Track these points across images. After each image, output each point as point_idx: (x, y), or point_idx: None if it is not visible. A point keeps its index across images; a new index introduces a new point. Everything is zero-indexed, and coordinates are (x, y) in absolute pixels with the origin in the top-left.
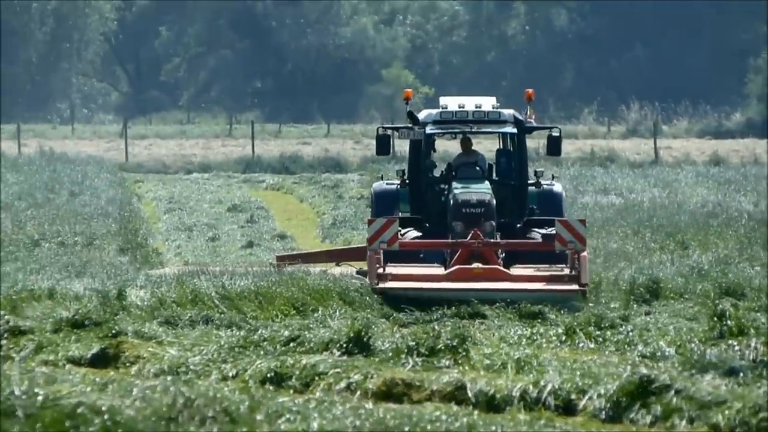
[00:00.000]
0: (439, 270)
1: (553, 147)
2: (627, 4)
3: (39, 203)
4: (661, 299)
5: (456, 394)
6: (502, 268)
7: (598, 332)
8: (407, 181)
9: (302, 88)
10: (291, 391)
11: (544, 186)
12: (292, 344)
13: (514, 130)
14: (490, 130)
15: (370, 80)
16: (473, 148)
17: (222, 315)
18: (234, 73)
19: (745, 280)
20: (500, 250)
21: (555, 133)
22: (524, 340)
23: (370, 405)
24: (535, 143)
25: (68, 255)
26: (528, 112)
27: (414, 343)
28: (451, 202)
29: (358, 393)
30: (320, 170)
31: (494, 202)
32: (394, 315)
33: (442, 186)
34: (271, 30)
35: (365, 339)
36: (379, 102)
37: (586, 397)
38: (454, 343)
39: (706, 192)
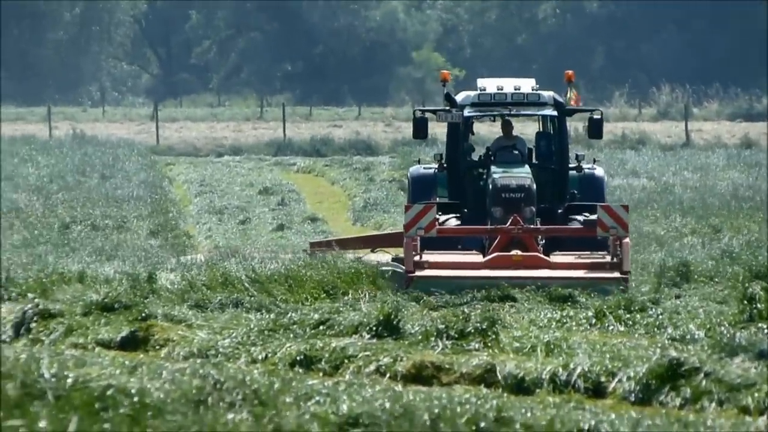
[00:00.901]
0: (477, 257)
1: (595, 130)
2: None
3: (70, 186)
4: (691, 282)
5: (485, 377)
6: (542, 255)
7: (627, 315)
8: (444, 166)
9: (332, 70)
10: (320, 374)
11: (586, 170)
12: (321, 327)
13: (554, 113)
14: (529, 112)
15: (400, 62)
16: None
17: (252, 298)
18: (264, 56)
19: None
20: (540, 237)
21: (596, 116)
22: (554, 323)
23: (399, 387)
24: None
25: (99, 238)
26: (569, 94)
27: (443, 326)
28: (490, 186)
29: (388, 376)
30: (351, 153)
31: (534, 186)
32: (425, 298)
33: (481, 170)
34: (300, 12)
35: (395, 322)
36: (410, 85)
37: (616, 379)
38: (484, 326)
39: (737, 175)
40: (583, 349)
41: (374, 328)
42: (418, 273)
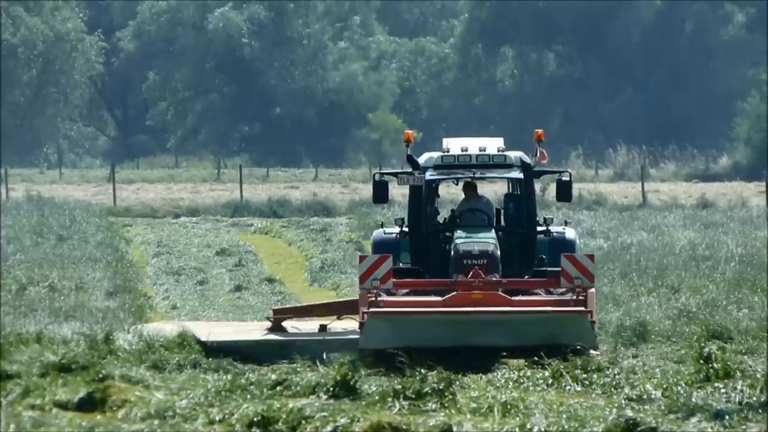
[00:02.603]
0: (435, 298)
1: (564, 192)
2: (614, 48)
3: (27, 248)
4: (648, 342)
5: None
6: (502, 294)
7: (584, 375)
8: (406, 231)
9: (290, 132)
10: None
11: (555, 234)
12: (278, 388)
13: (520, 175)
14: (493, 175)
15: (357, 124)
16: (479, 193)
17: (209, 359)
18: (221, 117)
19: (732, 323)
20: (501, 290)
21: (565, 178)
22: (511, 383)
23: None
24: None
25: (57, 299)
26: (538, 154)
27: (400, 387)
28: (452, 252)
29: None
30: (308, 214)
31: (498, 252)
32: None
33: (447, 235)
34: (258, 73)
35: (352, 382)
36: (366, 146)
37: None
38: (441, 387)
39: (694, 235)
40: (540, 410)
41: (331, 389)
42: (372, 309)
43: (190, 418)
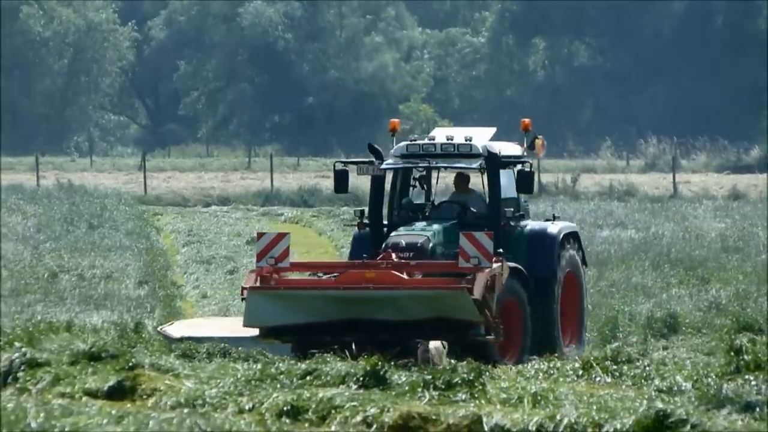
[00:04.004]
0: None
1: (525, 183)
2: (645, 40)
3: (58, 235)
4: (678, 334)
5: (472, 428)
6: (396, 273)
7: (614, 367)
8: (365, 223)
9: (321, 122)
10: (307, 425)
11: (536, 228)
12: (308, 377)
13: (474, 166)
14: (448, 164)
15: (389, 114)
16: (471, 186)
17: (239, 348)
18: (253, 107)
19: (762, 315)
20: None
21: (526, 168)
22: (541, 374)
23: None
24: (556, 178)
25: (87, 288)
26: (525, 143)
27: (430, 377)
28: (383, 246)
29: (375, 426)
30: (339, 204)
31: (430, 245)
32: None
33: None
34: (290, 64)
35: (382, 372)
36: (398, 136)
37: (602, 431)
38: (471, 377)
39: (725, 226)
40: (570, 401)
41: (361, 379)
42: (251, 285)
43: (219, 406)
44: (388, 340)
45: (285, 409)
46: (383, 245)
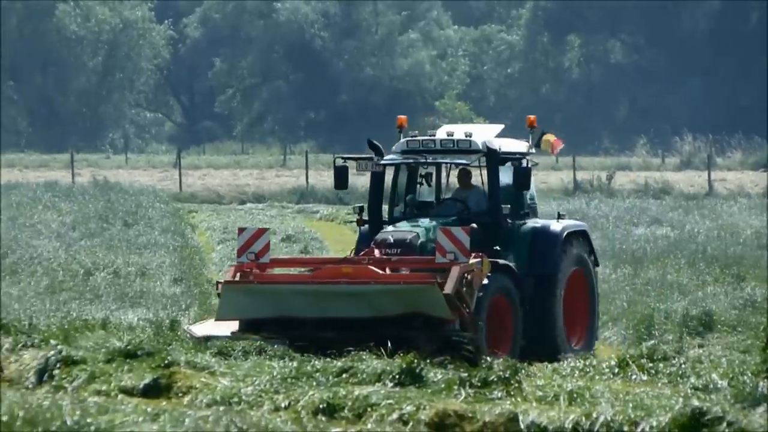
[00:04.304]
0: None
1: (521, 180)
2: (681, 37)
3: (93, 233)
4: (714, 332)
5: (508, 426)
6: (373, 268)
7: (650, 364)
8: (365, 220)
9: (356, 119)
10: (343, 422)
11: (538, 224)
12: (344, 375)
13: (465, 161)
14: (445, 160)
15: (424, 112)
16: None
17: (274, 346)
18: (288, 104)
19: None
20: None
21: (523, 165)
22: (577, 371)
23: None
24: (591, 176)
25: (122, 285)
26: (530, 140)
27: (466, 375)
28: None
29: (411, 424)
30: None
31: (419, 241)
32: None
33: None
34: (325, 61)
35: (418, 370)
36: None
37: (639, 429)
38: (507, 375)
39: (760, 224)
40: (606, 398)
41: (397, 376)
42: (226, 280)
43: (255, 404)
44: (362, 335)
45: (321, 406)
46: (372, 241)
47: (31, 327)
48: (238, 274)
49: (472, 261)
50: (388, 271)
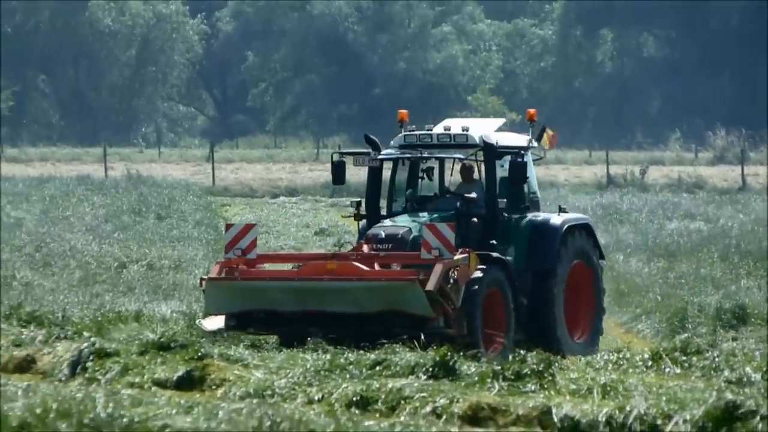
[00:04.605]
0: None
1: (517, 173)
2: (713, 31)
3: (126, 226)
4: (747, 325)
5: (541, 419)
6: (358, 264)
7: (684, 358)
8: (362, 215)
9: (388, 112)
10: (377, 415)
11: (538, 217)
12: (378, 368)
13: (460, 155)
14: (441, 155)
15: (457, 106)
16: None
17: (308, 339)
18: (320, 98)
19: None
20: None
21: (518, 159)
22: (610, 365)
23: (455, 429)
24: (624, 170)
25: (155, 278)
26: (530, 134)
27: (499, 368)
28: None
29: (444, 417)
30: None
31: (410, 237)
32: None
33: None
34: (358, 55)
35: (451, 363)
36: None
37: (672, 422)
38: (540, 368)
39: None
40: (640, 392)
41: (430, 369)
42: (210, 276)
43: (289, 397)
44: (345, 332)
45: (354, 399)
46: (364, 237)
47: (65, 319)
48: (224, 271)
49: (458, 257)
50: (377, 266)
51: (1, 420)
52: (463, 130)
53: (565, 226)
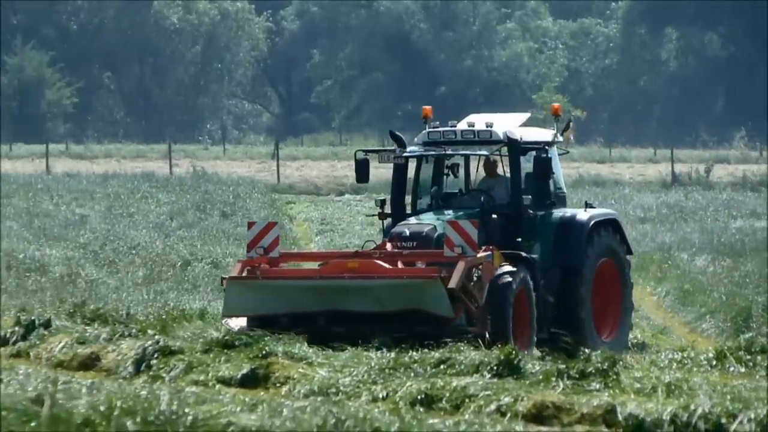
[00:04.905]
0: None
1: (541, 169)
2: None
3: (190, 223)
4: None
5: (606, 418)
6: (380, 263)
7: (748, 357)
8: (387, 213)
9: (453, 110)
10: (441, 413)
11: (565, 213)
12: (442, 366)
13: (487, 152)
14: (465, 152)
15: (521, 104)
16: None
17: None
18: (385, 96)
19: None
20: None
21: (543, 155)
22: (674, 364)
23: (520, 427)
24: (689, 168)
25: (220, 275)
26: (555, 130)
27: (564, 366)
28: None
29: (509, 415)
30: None
31: (435, 234)
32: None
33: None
34: (425, 53)
35: (515, 362)
36: (532, 125)
37: (737, 421)
38: (605, 367)
39: None
40: (704, 391)
41: (495, 368)
42: (231, 276)
43: (353, 395)
44: (368, 331)
45: (419, 397)
46: (389, 235)
47: (129, 317)
48: (246, 270)
49: (481, 254)
50: (399, 264)
51: (65, 417)
52: (487, 126)
53: (592, 222)
